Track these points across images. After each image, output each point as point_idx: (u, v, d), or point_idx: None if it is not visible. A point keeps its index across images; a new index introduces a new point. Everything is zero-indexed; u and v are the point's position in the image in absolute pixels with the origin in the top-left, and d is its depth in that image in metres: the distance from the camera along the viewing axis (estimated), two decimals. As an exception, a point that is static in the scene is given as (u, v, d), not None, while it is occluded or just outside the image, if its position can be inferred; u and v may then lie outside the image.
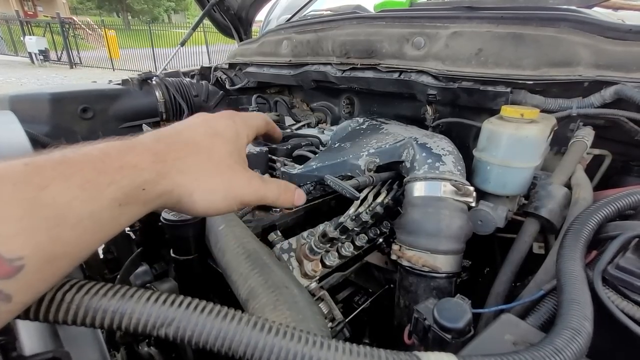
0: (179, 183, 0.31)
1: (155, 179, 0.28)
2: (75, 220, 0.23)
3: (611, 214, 0.47)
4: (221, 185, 0.34)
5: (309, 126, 1.35)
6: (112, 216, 0.25)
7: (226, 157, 0.35)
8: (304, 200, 0.41)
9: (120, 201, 0.25)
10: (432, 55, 0.88)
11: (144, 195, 0.28)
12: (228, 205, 0.35)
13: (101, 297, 0.23)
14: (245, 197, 0.36)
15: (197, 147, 0.34)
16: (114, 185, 0.25)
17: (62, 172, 0.23)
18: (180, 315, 0.23)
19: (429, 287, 0.61)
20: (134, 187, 0.27)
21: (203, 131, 0.35)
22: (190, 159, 0.32)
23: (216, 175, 0.34)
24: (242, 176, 0.36)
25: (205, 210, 0.33)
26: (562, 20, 0.74)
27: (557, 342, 0.29)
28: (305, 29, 1.21)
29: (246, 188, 0.36)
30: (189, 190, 0.31)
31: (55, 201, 0.22)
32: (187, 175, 0.31)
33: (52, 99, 1.04)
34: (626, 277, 0.38)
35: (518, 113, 0.64)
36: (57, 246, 0.22)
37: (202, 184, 0.32)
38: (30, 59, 12.67)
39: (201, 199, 0.32)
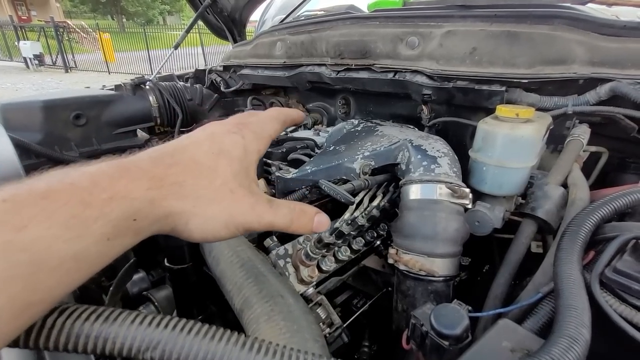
0: (175, 210, 0.28)
1: (148, 207, 0.26)
2: (56, 262, 0.21)
3: (608, 214, 0.47)
4: (221, 213, 0.31)
5: (305, 127, 1.34)
6: (100, 252, 0.23)
7: (230, 179, 0.32)
8: (327, 226, 0.36)
9: (108, 235, 0.24)
10: (427, 55, 0.87)
11: (135, 225, 0.25)
12: (230, 232, 0.32)
13: (83, 321, 0.22)
14: (248, 225, 0.32)
15: (198, 168, 0.31)
16: (102, 219, 0.23)
17: (44, 208, 0.21)
18: (165, 338, 0.23)
19: (426, 291, 0.61)
20: (124, 218, 0.25)
21: (207, 149, 0.32)
22: (190, 184, 0.29)
23: (216, 201, 0.31)
24: (244, 201, 0.32)
25: (203, 237, 0.31)
26: (556, 18, 0.74)
27: (554, 352, 0.29)
28: (298, 30, 1.20)
29: (248, 215, 0.32)
30: (184, 218, 0.29)
31: (35, 244, 0.20)
32: (185, 202, 0.29)
33: (44, 106, 1.03)
34: (624, 280, 0.37)
35: (513, 113, 0.63)
36: (34, 294, 0.20)
37: (199, 211, 0.29)
38: (25, 64, 12.61)
39: (198, 227, 0.30)
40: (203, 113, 1.40)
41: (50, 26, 12.96)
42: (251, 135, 0.36)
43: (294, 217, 0.34)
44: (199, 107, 1.38)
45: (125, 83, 1.25)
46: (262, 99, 1.58)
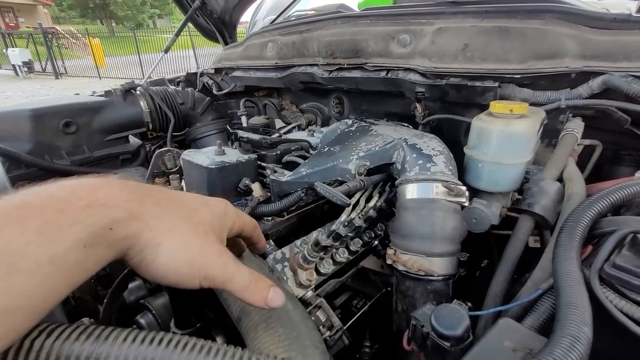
0: (151, 227, 0.27)
1: (125, 219, 0.26)
2: (32, 266, 0.20)
3: (605, 209, 0.46)
4: (192, 247, 0.30)
5: (300, 128, 1.34)
6: (77, 259, 0.23)
7: (206, 223, 0.32)
8: (280, 302, 0.34)
9: (85, 242, 0.23)
10: (419, 53, 0.87)
11: (110, 235, 0.25)
12: (191, 273, 0.30)
13: (73, 341, 0.22)
14: (211, 270, 0.31)
15: (181, 204, 0.31)
16: (77, 225, 0.23)
17: (18, 216, 0.21)
18: (160, 355, 0.22)
19: (426, 291, 0.61)
20: (100, 226, 0.24)
21: (193, 198, 0.34)
22: (170, 209, 0.29)
23: (191, 234, 0.30)
24: (214, 247, 0.32)
25: (164, 269, 0.28)
26: (547, 12, 0.74)
27: (557, 352, 0.29)
28: (290, 30, 1.20)
29: (215, 260, 0.31)
30: (158, 239, 0.28)
31: (8, 247, 0.20)
32: (162, 222, 0.28)
33: (32, 115, 1.02)
34: (623, 275, 0.37)
35: (507, 109, 0.63)
36: (10, 298, 0.20)
37: (174, 237, 0.29)
38: (14, 71, 12.45)
39: (167, 251, 0.28)
40: (195, 117, 1.39)
41: (39, 32, 12.81)
42: (233, 210, 0.39)
43: (252, 279, 0.33)
44: (191, 110, 1.37)
45: (115, 89, 1.24)
46: (255, 101, 1.57)
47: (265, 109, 1.55)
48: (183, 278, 0.30)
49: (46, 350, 0.21)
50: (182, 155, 0.86)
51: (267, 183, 0.81)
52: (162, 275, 0.29)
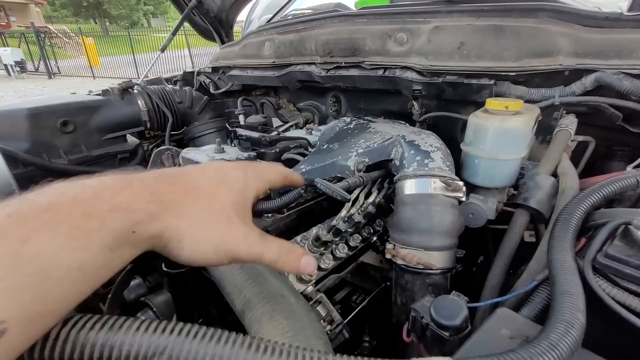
0: (171, 226, 0.28)
1: (147, 220, 0.27)
2: (63, 273, 0.21)
3: (597, 202, 0.48)
4: (214, 236, 0.31)
5: (297, 126, 1.34)
6: (103, 263, 0.24)
7: (227, 206, 0.33)
8: (313, 269, 0.36)
9: (110, 246, 0.24)
10: (415, 51, 0.88)
11: (134, 237, 0.26)
12: (218, 258, 0.31)
13: (88, 330, 0.22)
14: (238, 252, 0.32)
15: (199, 191, 0.31)
16: (104, 230, 0.24)
17: (47, 220, 0.22)
18: (172, 343, 0.23)
19: (424, 284, 0.62)
20: (124, 230, 0.25)
21: (211, 176, 0.34)
22: (189, 203, 0.30)
23: (212, 224, 0.31)
24: (238, 230, 0.33)
25: (192, 259, 0.30)
26: (541, 11, 0.75)
27: (552, 337, 0.30)
28: (287, 29, 1.20)
29: (240, 243, 0.32)
30: (179, 235, 0.29)
31: (40, 254, 0.20)
32: (182, 219, 0.29)
33: (29, 114, 1.01)
34: (615, 264, 0.39)
35: (502, 105, 0.64)
36: (43, 304, 0.20)
37: (194, 230, 0.30)
38: (6, 71, 12.30)
39: (189, 246, 0.30)
40: (193, 115, 1.39)
41: (31, 32, 12.66)
42: (253, 175, 0.38)
43: (282, 253, 0.35)
44: (189, 109, 1.37)
45: (112, 88, 1.23)
46: (252, 100, 1.57)
47: (262, 107, 1.56)
48: (211, 262, 0.31)
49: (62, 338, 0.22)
50: (182, 153, 0.86)
51: (266, 180, 0.82)
52: (188, 262, 0.30)
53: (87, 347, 0.22)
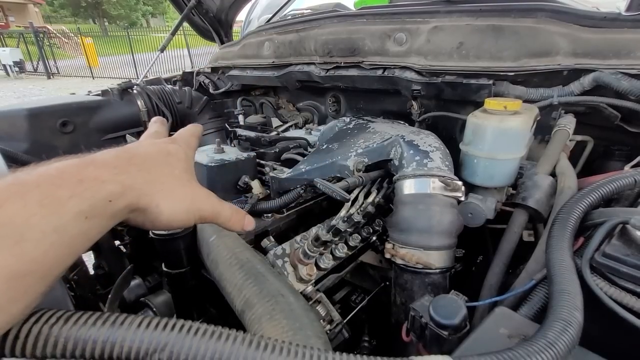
0: (146, 192, 0.31)
1: (121, 191, 0.28)
2: (38, 235, 0.22)
3: (595, 201, 0.48)
4: (185, 197, 0.34)
5: (296, 126, 1.34)
6: (81, 230, 0.25)
7: (183, 172, 0.36)
8: (252, 226, 0.41)
9: (86, 214, 0.25)
10: (414, 51, 0.88)
11: (111, 207, 0.27)
12: (188, 218, 0.34)
13: (89, 327, 0.22)
14: (204, 211, 0.36)
15: (155, 162, 0.34)
16: (76, 198, 0.25)
17: (16, 191, 0.23)
18: (173, 340, 0.23)
19: (423, 284, 0.62)
20: (99, 199, 0.26)
21: (157, 150, 0.36)
22: (155, 171, 0.32)
23: (180, 186, 0.34)
24: (201, 191, 0.37)
25: (169, 221, 0.33)
26: (539, 11, 0.75)
27: (550, 335, 0.30)
28: (286, 29, 1.20)
29: (205, 202, 0.36)
30: (155, 200, 0.31)
31: (13, 220, 0.22)
32: (154, 185, 0.32)
33: (29, 114, 1.01)
34: (612, 263, 0.39)
35: (501, 105, 0.65)
36: (21, 263, 0.21)
37: (168, 194, 0.32)
38: (5, 72, 12.27)
39: (167, 209, 0.32)
40: (193, 116, 1.39)
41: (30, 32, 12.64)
42: (183, 143, 0.41)
43: (233, 212, 0.39)
44: (188, 110, 1.37)
45: (112, 88, 1.23)
46: (251, 100, 1.57)
47: (262, 107, 1.56)
48: (182, 223, 0.34)
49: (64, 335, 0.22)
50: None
51: (266, 180, 0.82)
52: (165, 226, 0.33)
53: (89, 343, 0.22)
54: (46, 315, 0.23)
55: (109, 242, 0.96)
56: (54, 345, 0.22)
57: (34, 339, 0.21)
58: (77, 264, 0.90)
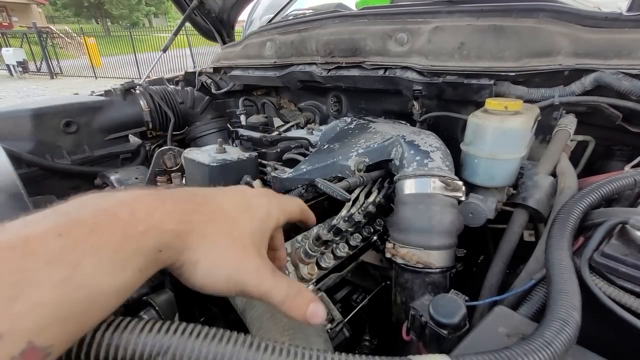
0: (192, 247, 0.28)
1: (173, 240, 0.27)
2: (104, 299, 0.22)
3: (595, 201, 0.48)
4: (228, 264, 0.30)
5: (298, 126, 1.35)
6: (134, 284, 0.24)
7: (246, 235, 0.32)
8: (321, 318, 0.32)
9: (141, 267, 0.24)
10: (416, 51, 0.88)
11: (160, 256, 0.26)
12: (227, 288, 0.30)
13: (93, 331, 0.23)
14: (247, 285, 0.30)
15: (223, 216, 0.31)
16: (139, 252, 0.24)
17: (93, 244, 0.22)
18: (175, 343, 0.23)
19: (424, 283, 0.62)
20: (154, 250, 0.25)
21: (236, 201, 0.33)
22: (213, 225, 0.30)
23: (229, 251, 0.30)
24: (252, 261, 0.31)
25: (202, 284, 0.29)
26: (540, 11, 0.75)
27: (547, 334, 0.30)
28: (288, 29, 1.21)
29: (252, 276, 0.31)
30: (196, 258, 0.28)
31: (89, 282, 0.21)
32: (203, 241, 0.29)
33: (33, 115, 1.02)
34: (612, 263, 0.39)
35: (502, 105, 0.65)
36: (82, 332, 0.21)
37: (211, 256, 0.29)
38: (8, 71, 12.35)
39: (203, 271, 0.29)
40: (195, 116, 1.40)
41: (33, 32, 12.70)
42: (276, 204, 0.37)
43: (290, 294, 0.32)
44: (190, 110, 1.38)
45: (115, 88, 1.24)
46: (253, 100, 1.58)
47: (263, 107, 1.57)
48: (220, 291, 0.30)
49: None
50: (184, 153, 0.87)
51: (268, 180, 0.82)
52: (200, 287, 0.29)
53: (93, 347, 0.23)
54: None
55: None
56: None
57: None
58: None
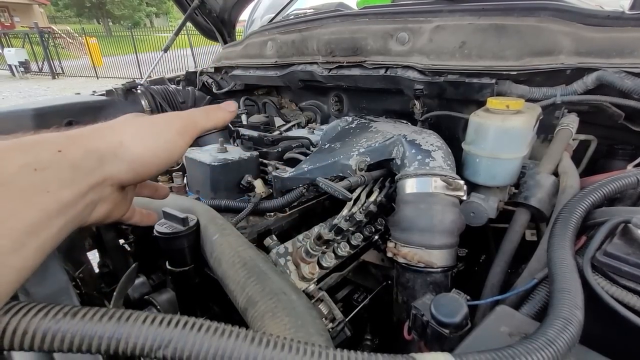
0: (103, 135, 0.32)
1: (68, 141, 0.29)
2: None
3: (598, 200, 0.48)
4: (148, 125, 0.34)
5: (299, 126, 1.35)
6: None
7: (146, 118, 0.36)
8: (234, 106, 0.41)
9: (34, 166, 0.27)
10: (417, 50, 0.88)
11: (64, 158, 0.28)
12: (165, 143, 0.34)
13: (96, 322, 0.23)
14: (178, 124, 0.35)
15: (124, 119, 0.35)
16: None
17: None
18: (177, 336, 0.23)
19: (425, 283, 0.62)
20: (44, 150, 0.28)
21: (125, 117, 0.37)
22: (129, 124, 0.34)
23: (142, 123, 0.34)
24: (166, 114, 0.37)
25: (141, 153, 0.32)
26: (542, 10, 0.75)
27: (550, 333, 0.30)
28: (289, 29, 1.21)
29: (175, 117, 0.36)
30: (117, 138, 0.32)
31: None
32: (114, 129, 0.33)
33: (35, 114, 1.02)
34: (614, 262, 0.39)
35: (504, 105, 0.64)
36: None
37: (132, 132, 0.33)
38: (10, 72, 12.38)
39: (133, 141, 0.32)
40: (196, 115, 1.40)
41: (35, 32, 12.74)
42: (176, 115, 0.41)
43: (204, 111, 0.39)
44: (191, 109, 1.38)
45: (116, 88, 1.24)
46: (254, 99, 1.58)
47: (264, 107, 1.57)
48: (158, 149, 0.34)
49: (71, 331, 0.23)
50: (185, 153, 0.87)
51: (269, 179, 0.82)
52: (141, 160, 0.33)
53: (95, 339, 0.23)
54: (54, 310, 0.23)
55: (114, 241, 0.97)
56: (61, 340, 0.22)
57: (42, 334, 0.22)
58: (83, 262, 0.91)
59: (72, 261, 0.88)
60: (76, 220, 0.28)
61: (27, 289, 0.39)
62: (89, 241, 1.00)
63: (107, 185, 0.31)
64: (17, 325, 0.22)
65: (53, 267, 0.44)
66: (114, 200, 0.34)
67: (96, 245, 1.00)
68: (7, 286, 0.22)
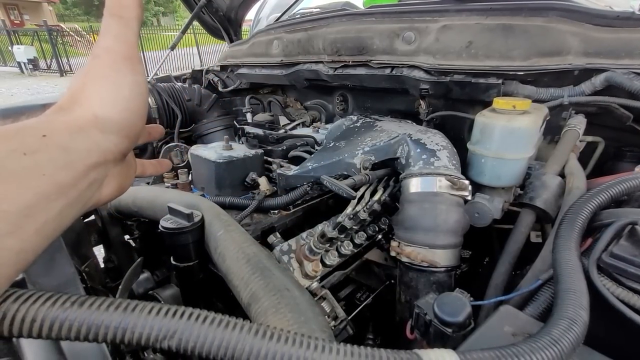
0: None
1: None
2: None
3: (604, 202, 0.48)
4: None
5: (304, 125, 1.35)
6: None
7: None
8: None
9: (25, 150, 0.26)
10: (423, 50, 0.88)
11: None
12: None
13: (102, 311, 0.23)
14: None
15: None
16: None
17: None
18: (182, 327, 0.24)
19: (428, 282, 0.62)
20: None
21: None
22: None
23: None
24: None
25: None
26: (551, 10, 0.75)
27: (554, 332, 0.30)
28: (295, 28, 1.21)
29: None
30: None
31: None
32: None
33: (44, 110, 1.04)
34: (620, 264, 0.39)
35: (510, 105, 0.64)
36: None
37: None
38: (19, 69, 12.53)
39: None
40: (202, 113, 1.41)
41: (44, 30, 12.87)
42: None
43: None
44: (197, 107, 1.38)
45: (123, 85, 1.25)
46: (260, 98, 1.58)
47: (269, 106, 1.57)
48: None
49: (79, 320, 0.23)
50: (191, 150, 0.88)
51: (273, 177, 0.83)
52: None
53: (102, 328, 0.23)
54: (61, 299, 0.24)
55: (119, 237, 0.98)
56: (68, 328, 0.23)
57: (49, 322, 0.22)
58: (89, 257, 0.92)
59: (78, 255, 0.89)
60: (81, 201, 0.28)
61: (34, 280, 0.40)
62: (94, 236, 1.01)
63: (110, 162, 0.30)
64: (26, 313, 0.23)
65: (60, 259, 0.45)
66: (120, 172, 0.34)
67: (102, 241, 1.01)
68: (6, 268, 0.22)
